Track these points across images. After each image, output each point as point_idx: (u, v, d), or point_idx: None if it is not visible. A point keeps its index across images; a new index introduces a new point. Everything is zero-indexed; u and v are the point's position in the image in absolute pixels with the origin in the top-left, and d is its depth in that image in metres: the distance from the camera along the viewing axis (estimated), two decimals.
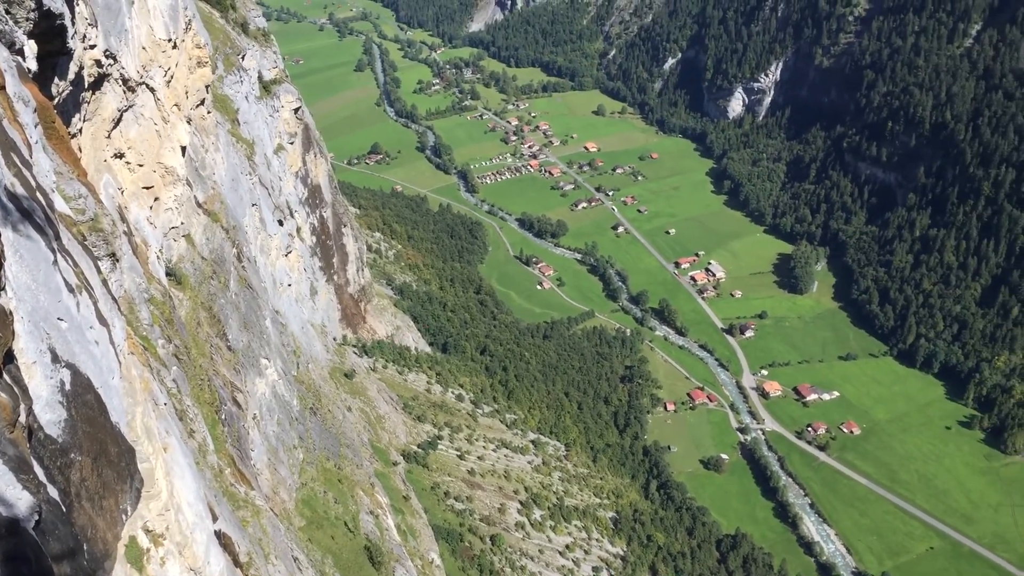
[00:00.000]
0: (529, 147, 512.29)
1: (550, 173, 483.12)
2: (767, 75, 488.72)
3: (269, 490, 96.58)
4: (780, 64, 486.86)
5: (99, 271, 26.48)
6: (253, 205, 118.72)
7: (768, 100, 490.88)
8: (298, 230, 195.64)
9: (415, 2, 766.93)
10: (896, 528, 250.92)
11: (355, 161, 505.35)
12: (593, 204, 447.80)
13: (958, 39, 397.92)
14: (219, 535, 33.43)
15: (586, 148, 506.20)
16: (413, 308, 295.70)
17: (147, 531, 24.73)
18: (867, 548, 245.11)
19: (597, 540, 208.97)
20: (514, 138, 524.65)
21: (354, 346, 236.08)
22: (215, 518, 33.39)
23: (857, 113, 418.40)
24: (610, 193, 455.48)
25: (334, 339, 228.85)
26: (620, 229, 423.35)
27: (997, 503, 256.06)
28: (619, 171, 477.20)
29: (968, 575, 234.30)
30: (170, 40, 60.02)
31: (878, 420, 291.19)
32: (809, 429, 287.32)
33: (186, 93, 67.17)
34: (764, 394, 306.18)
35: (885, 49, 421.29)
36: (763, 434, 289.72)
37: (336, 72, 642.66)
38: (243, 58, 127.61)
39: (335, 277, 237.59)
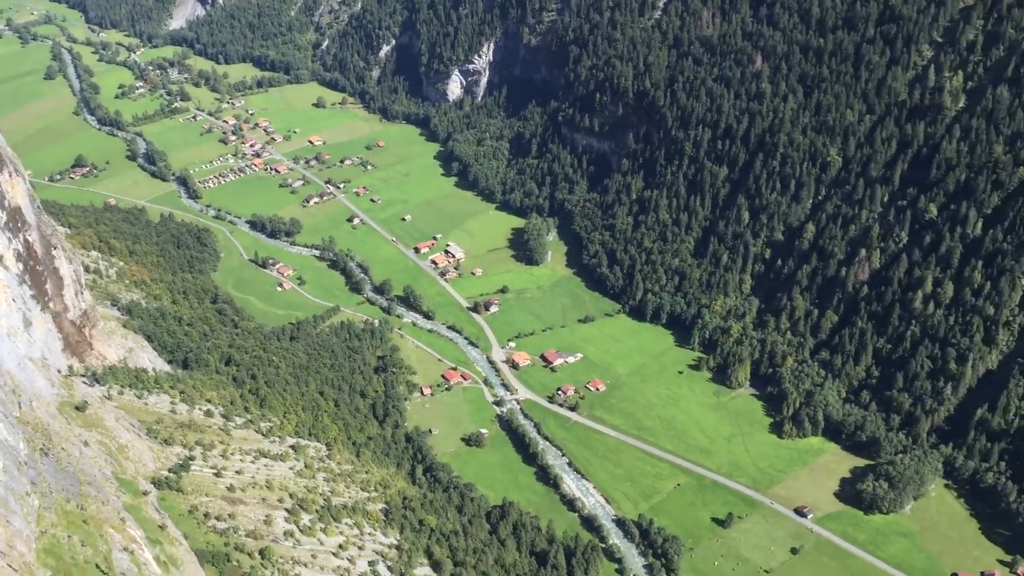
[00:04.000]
0: (251, 146, 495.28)
1: (276, 171, 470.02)
2: (480, 56, 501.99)
3: (4, 545, 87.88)
4: (492, 45, 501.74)
5: None
6: None
7: (484, 81, 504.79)
8: (0, 258, 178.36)
9: (106, 1, 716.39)
10: (646, 472, 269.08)
11: (58, 177, 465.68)
12: (325, 198, 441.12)
13: (648, 11, 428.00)
14: None
15: (311, 142, 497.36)
16: (145, 327, 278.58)
17: None
18: (623, 495, 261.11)
19: (370, 534, 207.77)
20: (233, 138, 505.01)
21: (83, 376, 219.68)
22: None
23: (568, 87, 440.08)
24: (341, 186, 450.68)
25: (59, 371, 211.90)
26: (356, 221, 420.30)
27: (729, 434, 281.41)
28: (347, 163, 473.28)
29: (712, 503, 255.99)
30: None
31: (620, 374, 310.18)
32: (560, 393, 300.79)
33: None
34: (514, 365, 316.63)
35: (585, 25, 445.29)
36: (518, 404, 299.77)
37: (23, 82, 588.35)
38: None
39: (51, 304, 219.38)
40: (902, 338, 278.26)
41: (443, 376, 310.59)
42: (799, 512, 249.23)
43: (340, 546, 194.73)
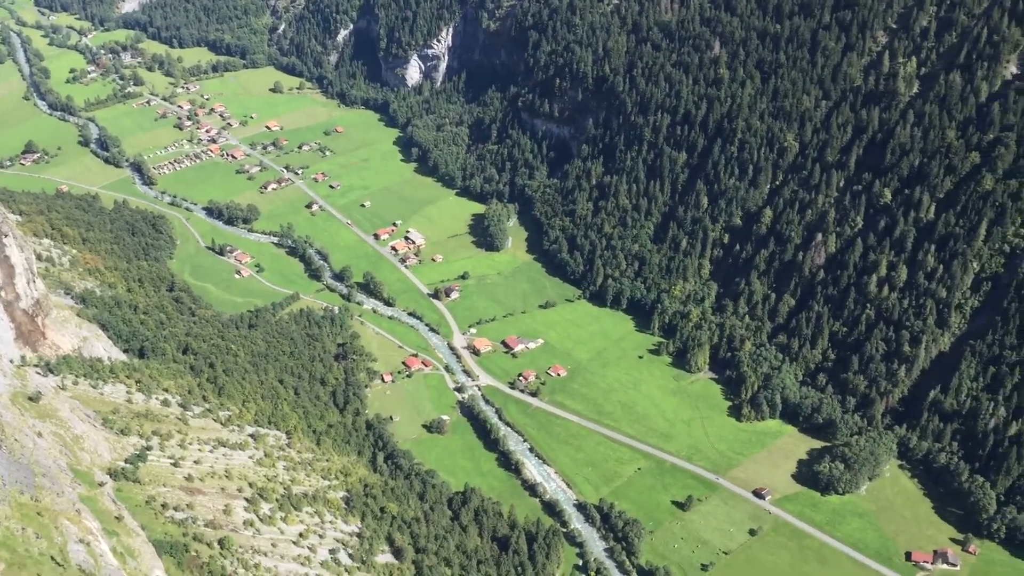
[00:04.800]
0: (207, 131, 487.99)
1: (233, 157, 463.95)
2: (439, 41, 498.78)
3: None
4: (451, 29, 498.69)
5: None
6: None
7: (443, 66, 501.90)
8: None
9: None
10: (608, 456, 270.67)
11: (8, 163, 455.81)
12: (283, 184, 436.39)
13: None
14: None
15: (268, 127, 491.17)
16: (100, 315, 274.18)
17: None
18: (584, 480, 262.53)
19: (331, 522, 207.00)
20: (189, 123, 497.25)
21: (36, 366, 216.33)
22: None
23: (527, 72, 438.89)
24: (299, 171, 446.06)
25: (11, 361, 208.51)
26: (315, 207, 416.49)
27: (688, 418, 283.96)
28: (305, 148, 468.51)
29: (672, 487, 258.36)
30: None
31: (580, 360, 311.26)
32: (521, 378, 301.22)
33: None
34: (475, 351, 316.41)
35: (544, 10, 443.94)
36: (479, 390, 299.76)
37: None
38: None
39: (2, 293, 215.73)
40: (857, 321, 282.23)
41: (404, 363, 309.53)
42: (757, 494, 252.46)
43: (301, 535, 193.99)
